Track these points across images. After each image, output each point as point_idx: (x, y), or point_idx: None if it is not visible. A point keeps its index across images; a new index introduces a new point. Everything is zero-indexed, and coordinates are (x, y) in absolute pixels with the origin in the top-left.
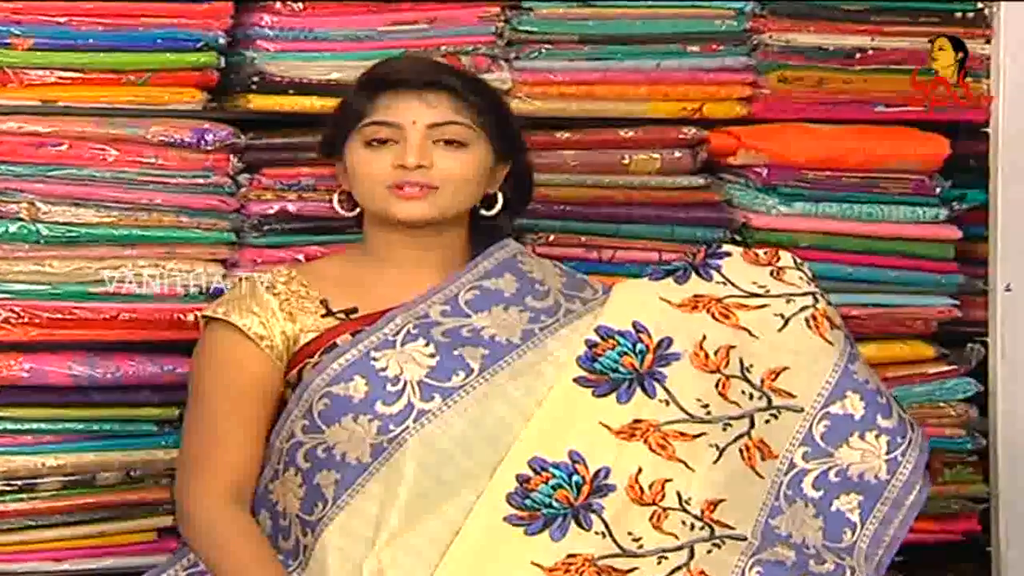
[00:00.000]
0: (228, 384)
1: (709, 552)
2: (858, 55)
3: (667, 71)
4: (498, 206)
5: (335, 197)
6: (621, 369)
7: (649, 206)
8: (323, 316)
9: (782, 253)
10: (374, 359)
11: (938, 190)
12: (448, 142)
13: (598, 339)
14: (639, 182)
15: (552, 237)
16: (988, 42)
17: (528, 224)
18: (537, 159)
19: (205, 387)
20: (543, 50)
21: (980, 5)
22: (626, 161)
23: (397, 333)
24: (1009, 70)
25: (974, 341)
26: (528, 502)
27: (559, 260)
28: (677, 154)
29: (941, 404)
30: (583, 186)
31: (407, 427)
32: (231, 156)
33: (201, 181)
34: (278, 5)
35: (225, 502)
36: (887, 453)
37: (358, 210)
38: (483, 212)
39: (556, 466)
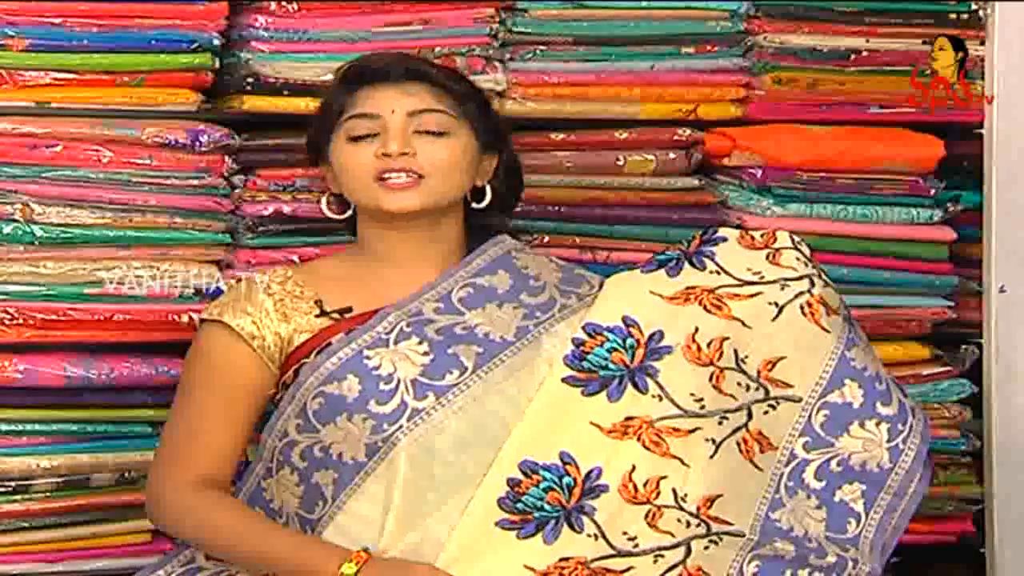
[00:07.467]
0: (215, 382)
1: (706, 549)
2: (852, 56)
3: (661, 72)
4: (487, 198)
5: (323, 200)
6: (611, 366)
7: (643, 207)
8: (317, 316)
9: (779, 234)
10: (367, 357)
11: (932, 191)
12: (429, 132)
13: (585, 336)
14: (633, 183)
15: (546, 238)
16: (982, 43)
17: (522, 225)
18: (531, 160)
19: (192, 384)
20: (538, 51)
21: (975, 6)
22: (620, 162)
23: (390, 331)
24: (1003, 71)
25: (968, 342)
26: (519, 505)
27: None
28: (671, 155)
29: (935, 405)
30: (577, 187)
31: (401, 426)
32: (226, 157)
33: (196, 182)
34: (272, 6)
35: (197, 488)
36: (888, 441)
37: (348, 212)
38: (473, 205)
39: (546, 468)
